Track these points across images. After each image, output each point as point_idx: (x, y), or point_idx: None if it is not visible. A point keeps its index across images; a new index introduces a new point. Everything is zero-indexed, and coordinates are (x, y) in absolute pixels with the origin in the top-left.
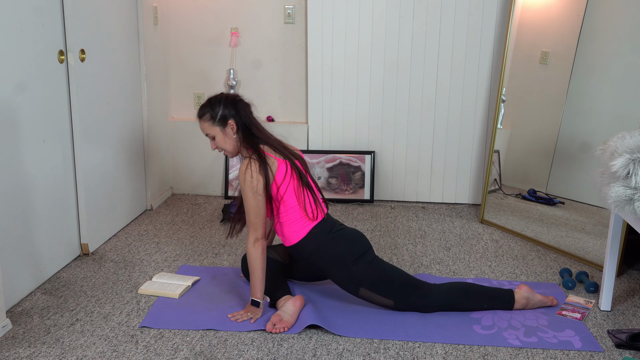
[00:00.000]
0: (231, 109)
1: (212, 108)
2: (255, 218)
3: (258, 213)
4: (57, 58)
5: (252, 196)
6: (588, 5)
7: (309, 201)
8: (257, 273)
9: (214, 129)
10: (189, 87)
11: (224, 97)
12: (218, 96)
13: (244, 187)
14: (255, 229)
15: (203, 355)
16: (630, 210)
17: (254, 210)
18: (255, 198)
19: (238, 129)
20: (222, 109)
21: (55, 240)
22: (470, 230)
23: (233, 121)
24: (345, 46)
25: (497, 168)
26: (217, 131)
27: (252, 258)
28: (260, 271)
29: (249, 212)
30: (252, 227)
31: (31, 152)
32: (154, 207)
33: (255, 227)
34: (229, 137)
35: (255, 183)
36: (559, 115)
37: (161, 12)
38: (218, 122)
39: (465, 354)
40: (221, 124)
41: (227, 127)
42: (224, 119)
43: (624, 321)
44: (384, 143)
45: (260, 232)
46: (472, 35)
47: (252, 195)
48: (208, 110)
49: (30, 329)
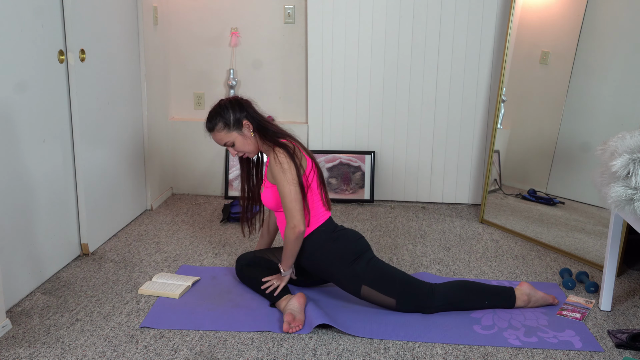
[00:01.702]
0: (240, 110)
1: (222, 116)
2: (290, 203)
3: (293, 199)
4: (57, 58)
5: (286, 183)
6: (588, 5)
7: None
8: (289, 249)
9: (231, 135)
10: (189, 87)
11: (229, 102)
12: (222, 103)
13: (279, 176)
14: (292, 215)
15: (203, 355)
16: (630, 210)
17: (289, 197)
18: (290, 184)
19: (254, 127)
20: (232, 113)
21: (55, 240)
22: (470, 230)
23: (247, 121)
24: (345, 46)
25: (497, 168)
26: (235, 136)
27: (287, 239)
28: (292, 248)
29: (285, 197)
30: (288, 213)
31: (31, 152)
32: (154, 207)
33: (292, 213)
34: (248, 138)
35: (287, 167)
36: (559, 115)
37: (161, 12)
38: (234, 126)
39: (465, 354)
40: (237, 128)
41: (244, 128)
42: (238, 122)
43: (624, 321)
44: (384, 143)
45: (298, 218)
46: (472, 35)
47: (285, 180)
48: (219, 119)
49: (30, 329)
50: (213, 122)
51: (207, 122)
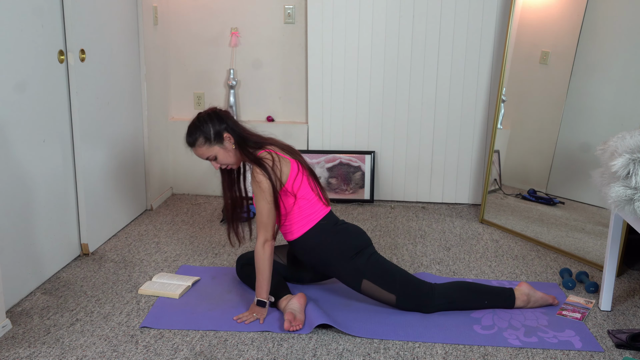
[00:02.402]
0: (220, 123)
1: (202, 130)
2: (267, 219)
3: (269, 214)
4: (57, 58)
5: (264, 202)
6: (588, 5)
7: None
8: (265, 274)
9: (212, 149)
10: (189, 87)
11: (207, 115)
12: (200, 117)
13: (255, 191)
14: (266, 229)
15: (203, 355)
16: (630, 210)
17: (264, 214)
18: (266, 202)
19: (235, 140)
20: (211, 126)
21: (55, 240)
22: (470, 230)
23: (228, 134)
24: (345, 46)
25: (497, 168)
26: (216, 150)
27: (261, 259)
28: (267, 272)
29: (261, 214)
30: (262, 227)
31: (31, 152)
32: (154, 207)
33: (266, 227)
34: (229, 150)
35: (265, 187)
36: (559, 115)
37: (161, 12)
38: (215, 140)
39: (465, 354)
40: (218, 141)
41: (225, 141)
42: (218, 135)
43: (624, 321)
44: (384, 143)
45: (270, 233)
46: (472, 35)
47: (263, 197)
48: (199, 134)
49: (30, 329)
50: (193, 137)
51: (187, 136)
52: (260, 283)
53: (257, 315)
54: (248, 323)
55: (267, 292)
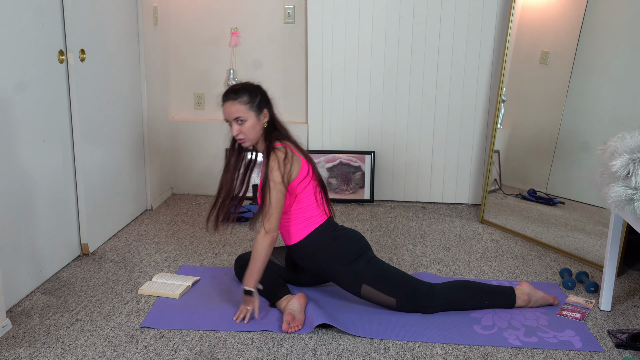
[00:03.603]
0: (267, 100)
1: (251, 93)
2: (273, 208)
3: (277, 204)
4: (57, 58)
5: (275, 186)
6: (588, 5)
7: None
8: (258, 264)
9: (249, 113)
10: (189, 87)
11: (260, 88)
12: (254, 84)
13: (271, 176)
14: (270, 219)
15: (203, 355)
16: (630, 210)
17: (274, 201)
18: (277, 189)
19: (268, 121)
20: (260, 96)
21: (55, 240)
22: (470, 230)
23: (267, 111)
24: (345, 46)
25: (497, 168)
26: (251, 116)
27: (259, 248)
28: (261, 262)
29: (269, 202)
30: (266, 216)
31: (31, 152)
32: (154, 207)
33: (270, 217)
34: (258, 125)
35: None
36: (559, 115)
37: (161, 12)
38: (256, 107)
39: (465, 354)
40: (258, 110)
41: (262, 114)
42: (261, 105)
43: (624, 321)
44: (384, 143)
45: (274, 224)
46: (472, 35)
47: (274, 185)
48: (246, 93)
49: (30, 329)
50: (239, 93)
51: (231, 90)
52: (251, 271)
53: (249, 307)
54: (247, 321)
55: (256, 281)
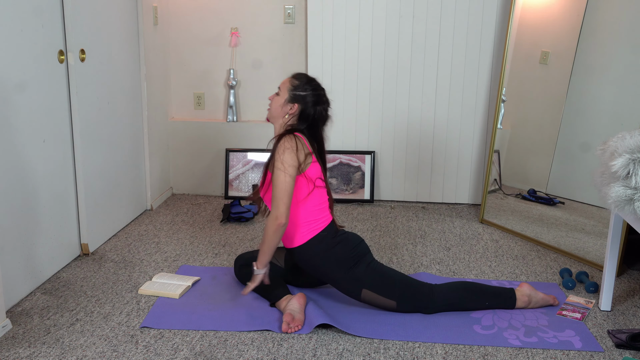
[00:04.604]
0: (310, 102)
1: (303, 83)
2: (280, 192)
3: (284, 189)
4: (57, 58)
5: (282, 170)
6: (588, 5)
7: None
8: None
9: (285, 93)
10: (189, 87)
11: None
12: (318, 85)
13: (278, 159)
14: (278, 205)
15: (203, 355)
16: (630, 210)
17: (281, 185)
18: (285, 174)
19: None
20: (305, 92)
21: (55, 240)
22: (470, 230)
23: (298, 108)
24: (345, 46)
25: (497, 168)
26: (284, 97)
27: (268, 233)
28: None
29: (276, 187)
30: (274, 202)
31: (31, 152)
32: (154, 207)
33: (278, 203)
34: (282, 109)
35: (289, 157)
36: (559, 115)
37: (161, 12)
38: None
39: (465, 354)
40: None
41: (288, 105)
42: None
43: (624, 321)
44: (384, 143)
45: (282, 209)
46: (472, 35)
47: (282, 168)
48: (301, 82)
49: (30, 329)
50: (297, 76)
51: (300, 73)
52: (262, 250)
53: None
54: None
55: (265, 262)
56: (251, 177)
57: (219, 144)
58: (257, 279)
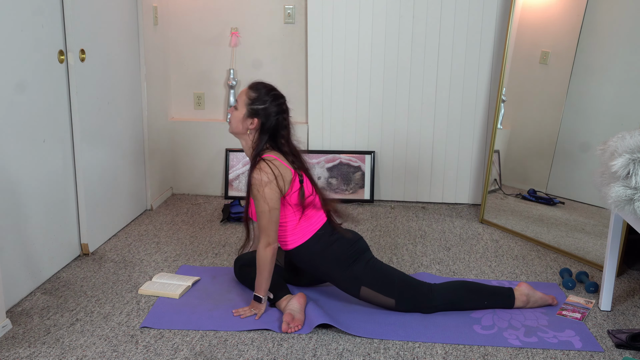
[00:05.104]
0: (271, 113)
1: (262, 95)
2: (267, 224)
3: (270, 220)
4: (57, 58)
5: (264, 203)
6: (588, 5)
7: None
8: (264, 274)
9: (243, 107)
10: (189, 87)
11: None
12: (278, 94)
13: (256, 194)
14: (267, 234)
15: (203, 355)
16: (630, 210)
17: (267, 217)
18: (268, 204)
19: (260, 131)
20: (263, 105)
21: (55, 240)
22: (470, 230)
23: (258, 122)
24: (345, 46)
25: (497, 168)
26: (242, 111)
27: (262, 261)
28: (267, 273)
29: (261, 218)
30: (263, 231)
31: (31, 152)
32: (154, 207)
33: (267, 231)
34: (242, 125)
35: (268, 191)
36: (559, 115)
37: (161, 12)
38: (250, 109)
39: (465, 354)
40: (249, 113)
41: (248, 120)
42: (254, 113)
43: (624, 321)
44: (384, 143)
45: (272, 237)
46: (472, 35)
47: (264, 201)
48: (259, 94)
49: (30, 329)
50: (255, 87)
51: (257, 82)
52: (259, 281)
53: (254, 311)
54: (244, 317)
55: (266, 290)
56: None
57: (219, 144)
58: (263, 307)
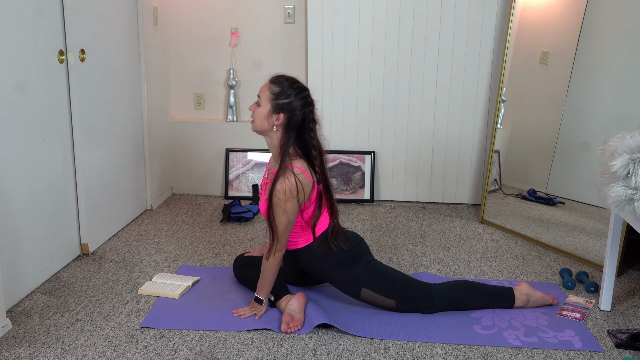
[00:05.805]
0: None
1: (285, 89)
2: (282, 233)
3: (286, 230)
4: (57, 58)
5: (284, 215)
6: (588, 5)
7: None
8: (269, 277)
9: (267, 103)
10: (189, 87)
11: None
12: (302, 87)
13: (277, 203)
14: (281, 241)
15: (203, 355)
16: (630, 210)
17: (283, 227)
18: (288, 218)
19: (286, 127)
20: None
21: (55, 240)
22: (470, 230)
23: (284, 118)
24: (345, 46)
25: (497, 168)
26: (265, 108)
27: (269, 265)
28: (272, 277)
29: (280, 227)
30: (277, 239)
31: (31, 152)
32: (154, 207)
33: (281, 239)
34: (268, 121)
35: (290, 205)
36: (559, 115)
37: (161, 12)
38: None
39: (465, 354)
40: (274, 109)
41: (273, 116)
42: (281, 108)
43: (624, 321)
44: (384, 143)
45: (282, 244)
46: (472, 35)
47: (284, 214)
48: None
49: (30, 329)
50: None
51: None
52: (262, 283)
53: (254, 311)
54: (244, 318)
55: (267, 292)
56: (251, 177)
57: (219, 144)
58: (263, 308)
